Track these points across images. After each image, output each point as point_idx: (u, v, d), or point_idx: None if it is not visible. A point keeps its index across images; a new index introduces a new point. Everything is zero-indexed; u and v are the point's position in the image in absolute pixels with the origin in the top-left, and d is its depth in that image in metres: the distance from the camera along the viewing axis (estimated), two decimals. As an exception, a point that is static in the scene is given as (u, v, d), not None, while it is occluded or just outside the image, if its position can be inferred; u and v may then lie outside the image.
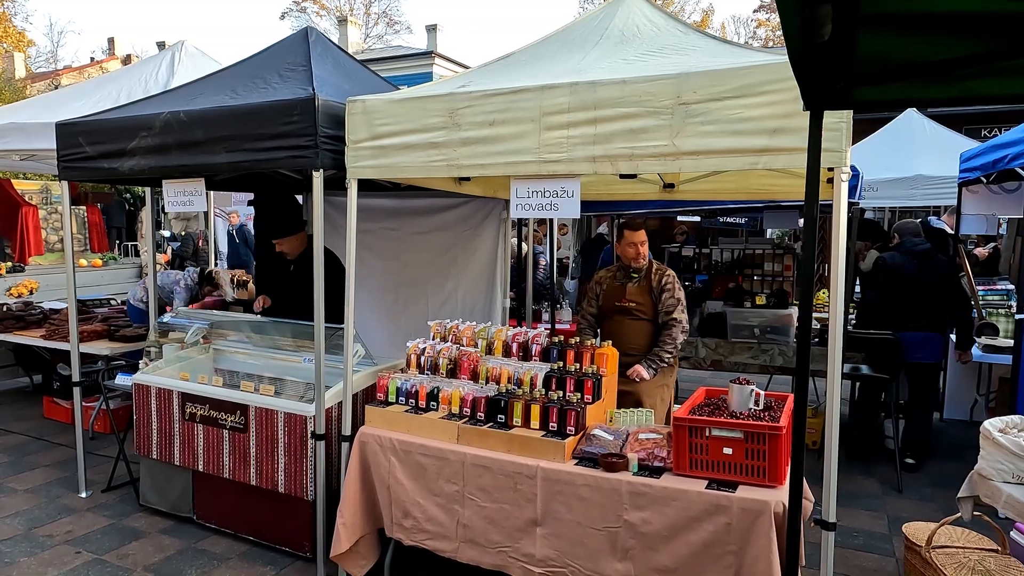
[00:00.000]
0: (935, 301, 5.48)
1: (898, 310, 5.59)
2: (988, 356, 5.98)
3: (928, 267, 5.52)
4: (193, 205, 4.08)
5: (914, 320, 5.49)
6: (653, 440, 3.28)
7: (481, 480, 3.38)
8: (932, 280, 5.50)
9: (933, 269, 5.52)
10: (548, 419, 3.40)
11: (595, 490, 3.13)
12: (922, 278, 5.50)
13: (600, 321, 4.58)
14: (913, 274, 5.53)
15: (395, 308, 6.40)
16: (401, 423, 3.67)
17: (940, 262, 5.61)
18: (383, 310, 6.41)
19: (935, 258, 5.59)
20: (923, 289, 5.48)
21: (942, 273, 5.56)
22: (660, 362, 4.25)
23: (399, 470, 3.59)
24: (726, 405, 3.32)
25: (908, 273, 5.53)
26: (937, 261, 5.59)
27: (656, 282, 4.36)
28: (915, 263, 5.56)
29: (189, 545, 4.23)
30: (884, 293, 5.70)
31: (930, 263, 5.55)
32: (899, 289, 5.67)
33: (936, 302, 5.49)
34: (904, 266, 5.59)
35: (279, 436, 3.96)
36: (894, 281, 5.69)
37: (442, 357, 3.91)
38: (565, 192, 3.10)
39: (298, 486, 3.93)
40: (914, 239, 5.70)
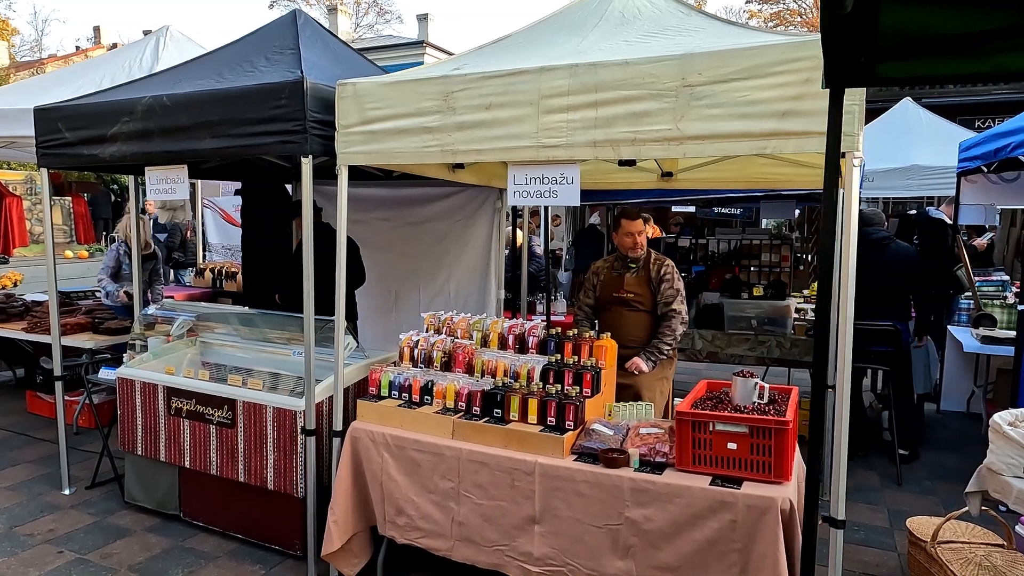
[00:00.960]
0: (891, 291, 5.34)
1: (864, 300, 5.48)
2: (987, 347, 5.92)
3: (883, 256, 5.33)
4: (175, 193, 3.94)
5: (869, 311, 5.33)
6: (654, 435, 3.19)
7: (477, 476, 3.28)
8: (890, 270, 5.30)
9: (889, 258, 5.35)
10: (546, 413, 3.30)
11: (595, 486, 3.03)
12: (874, 268, 5.32)
13: (597, 312, 4.48)
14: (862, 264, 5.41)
15: (387, 300, 6.28)
16: (394, 418, 3.56)
17: (897, 251, 5.41)
18: (375, 302, 6.30)
19: (890, 247, 5.41)
20: (878, 279, 5.27)
21: (900, 262, 5.38)
22: (659, 354, 4.16)
23: (392, 466, 3.49)
24: (729, 398, 3.23)
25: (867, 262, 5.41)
26: (893, 251, 5.40)
27: (655, 272, 4.26)
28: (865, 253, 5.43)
29: (176, 544, 4.11)
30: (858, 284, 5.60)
31: (884, 252, 5.36)
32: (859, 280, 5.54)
33: (892, 292, 5.35)
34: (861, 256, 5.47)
35: (268, 431, 3.85)
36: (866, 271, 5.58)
37: (436, 350, 3.79)
38: (565, 178, 2.99)
39: (288, 483, 3.81)
40: (868, 228, 5.54)
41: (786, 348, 6.38)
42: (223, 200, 11.26)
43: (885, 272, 5.26)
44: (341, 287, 3.53)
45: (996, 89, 13.44)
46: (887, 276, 5.27)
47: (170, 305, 4.92)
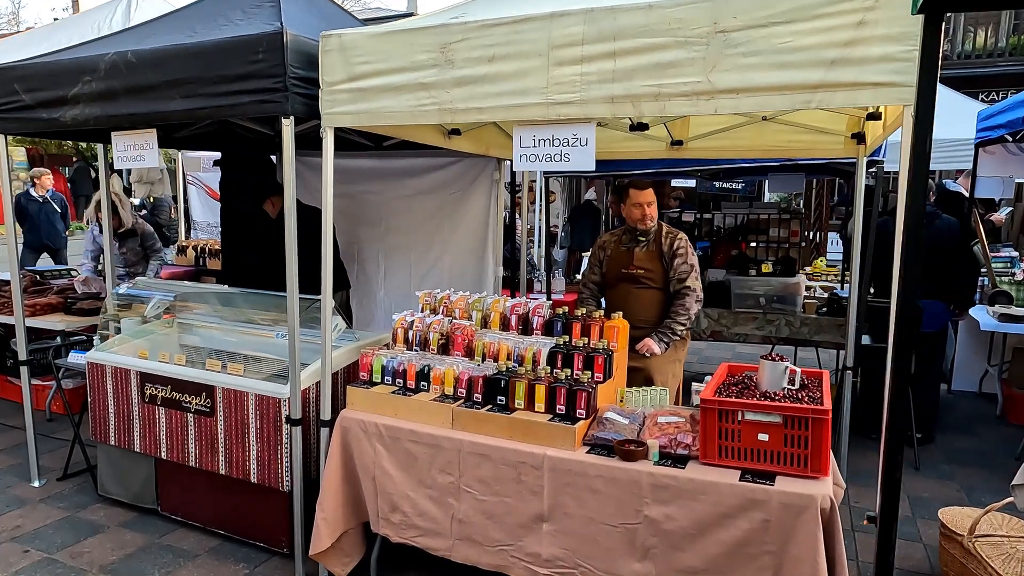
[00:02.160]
0: (935, 267, 5.11)
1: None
2: (1005, 326, 5.67)
3: (927, 231, 5.12)
4: (144, 160, 3.59)
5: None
6: (674, 424, 2.90)
7: (479, 470, 2.99)
8: (935, 246, 5.10)
9: (934, 233, 5.12)
10: (555, 401, 3.00)
11: (610, 482, 2.75)
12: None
13: (604, 290, 4.17)
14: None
15: (376, 278, 5.95)
16: (387, 406, 3.25)
17: (942, 226, 5.19)
18: (364, 281, 5.97)
19: (935, 222, 5.18)
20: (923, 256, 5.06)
21: (945, 237, 5.16)
22: (672, 335, 3.87)
23: (385, 459, 3.19)
24: (755, 384, 2.95)
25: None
26: (938, 226, 5.16)
27: (667, 246, 3.96)
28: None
29: (152, 541, 3.82)
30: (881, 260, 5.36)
31: (929, 227, 5.14)
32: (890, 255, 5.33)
33: (936, 268, 5.12)
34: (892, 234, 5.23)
35: (250, 420, 3.54)
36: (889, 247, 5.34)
37: (432, 331, 3.49)
38: (578, 139, 2.66)
39: (273, 476, 3.52)
40: None
41: (796, 327, 6.12)
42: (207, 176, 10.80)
43: (930, 248, 5.01)
44: (328, 262, 3.20)
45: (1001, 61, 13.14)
46: (932, 252, 5.02)
47: (145, 284, 4.58)
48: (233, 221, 6.04)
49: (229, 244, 6.22)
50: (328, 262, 3.20)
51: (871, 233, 4.83)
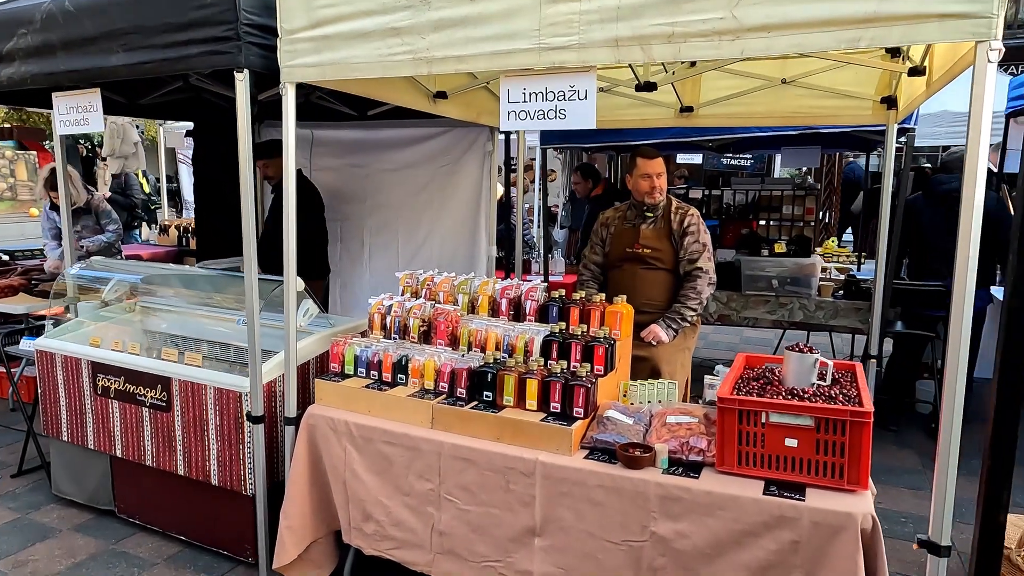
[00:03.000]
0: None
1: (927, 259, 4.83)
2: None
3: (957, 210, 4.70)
4: (88, 124, 3.19)
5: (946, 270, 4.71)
6: (686, 425, 2.52)
7: (463, 476, 2.62)
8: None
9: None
10: (549, 398, 2.62)
11: (612, 492, 2.37)
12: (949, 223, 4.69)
13: (607, 271, 3.78)
14: (937, 219, 4.75)
15: (361, 259, 5.56)
16: (360, 401, 2.88)
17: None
18: (348, 262, 5.58)
19: None
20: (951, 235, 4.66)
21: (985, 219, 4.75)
22: (682, 321, 3.47)
23: (357, 462, 2.82)
24: (779, 378, 2.56)
25: (930, 219, 4.74)
26: None
27: (677, 223, 3.55)
28: (939, 206, 4.76)
29: (107, 547, 3.46)
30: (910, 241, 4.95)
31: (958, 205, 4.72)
32: (923, 236, 4.95)
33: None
34: (924, 211, 4.83)
35: (209, 416, 3.16)
36: (918, 227, 4.96)
37: (413, 317, 3.10)
38: (576, 92, 2.26)
39: (235, 478, 3.15)
40: (942, 176, 4.86)
41: (810, 311, 5.74)
42: (195, 153, 10.38)
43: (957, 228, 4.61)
44: (291, 238, 2.81)
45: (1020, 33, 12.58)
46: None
47: (101, 264, 4.18)
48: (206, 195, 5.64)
49: (203, 220, 5.82)
50: (291, 237, 2.80)
51: (899, 211, 4.42)
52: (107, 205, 5.56)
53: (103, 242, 5.42)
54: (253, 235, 2.81)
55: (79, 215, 5.37)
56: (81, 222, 5.44)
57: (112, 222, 5.46)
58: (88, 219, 5.49)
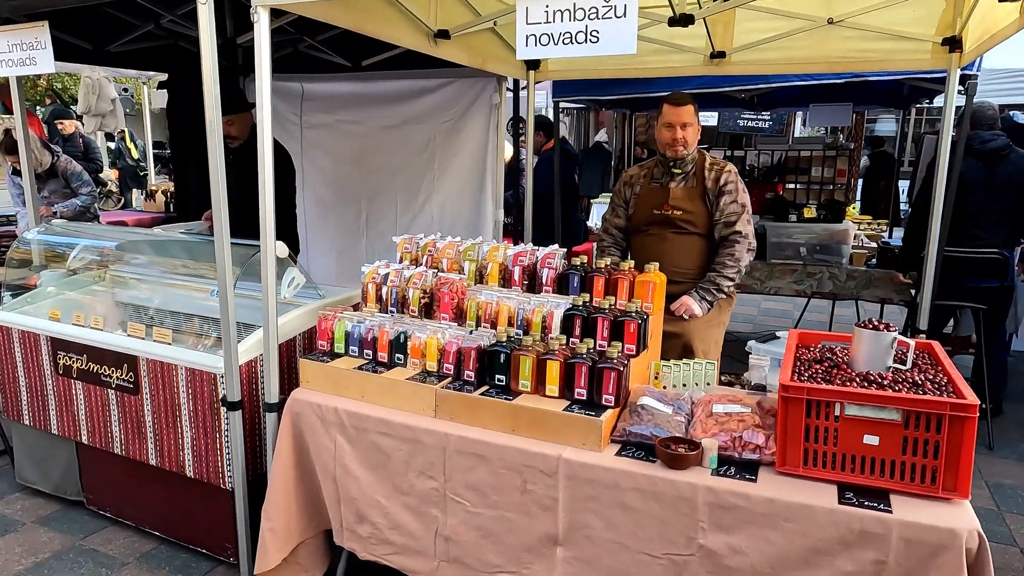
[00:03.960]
0: (1006, 212, 4.28)
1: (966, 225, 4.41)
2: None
3: (1001, 169, 4.26)
4: (36, 64, 2.74)
5: (985, 235, 4.29)
6: (737, 416, 2.13)
7: (472, 475, 2.24)
8: (1007, 186, 4.25)
9: (1009, 171, 4.26)
10: (573, 382, 2.23)
11: (651, 497, 1.99)
12: (991, 184, 4.26)
13: (630, 237, 3.36)
14: (979, 180, 4.28)
15: (357, 224, 5.14)
16: (351, 385, 2.49)
17: (1018, 162, 4.32)
18: (342, 227, 5.17)
19: (1010, 157, 4.30)
20: (993, 198, 4.25)
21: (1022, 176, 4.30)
22: (717, 292, 3.07)
23: (349, 455, 2.44)
24: (846, 361, 2.16)
25: (972, 179, 4.28)
26: (1013, 161, 4.29)
27: (712, 181, 3.13)
28: (982, 165, 4.29)
29: (73, 543, 3.10)
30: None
31: (1003, 163, 4.28)
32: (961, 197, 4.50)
33: (1007, 213, 4.29)
34: (967, 171, 4.38)
35: (181, 400, 2.78)
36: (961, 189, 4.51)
37: (412, 287, 2.69)
38: (611, 8, 1.81)
39: (211, 470, 2.78)
40: (985, 134, 4.39)
41: (841, 280, 5.34)
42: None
43: (1002, 189, 4.18)
44: (268, 193, 2.38)
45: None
46: (1005, 194, 4.19)
47: (63, 228, 3.76)
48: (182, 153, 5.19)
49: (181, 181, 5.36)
50: (268, 193, 2.38)
51: (954, 171, 3.95)
52: (76, 166, 5.08)
53: (77, 206, 4.97)
54: (223, 192, 2.38)
55: (45, 180, 4.93)
56: (48, 187, 4.99)
57: (84, 184, 5.01)
58: (55, 183, 5.03)
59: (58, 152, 5.03)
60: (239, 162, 3.70)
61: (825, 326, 6.49)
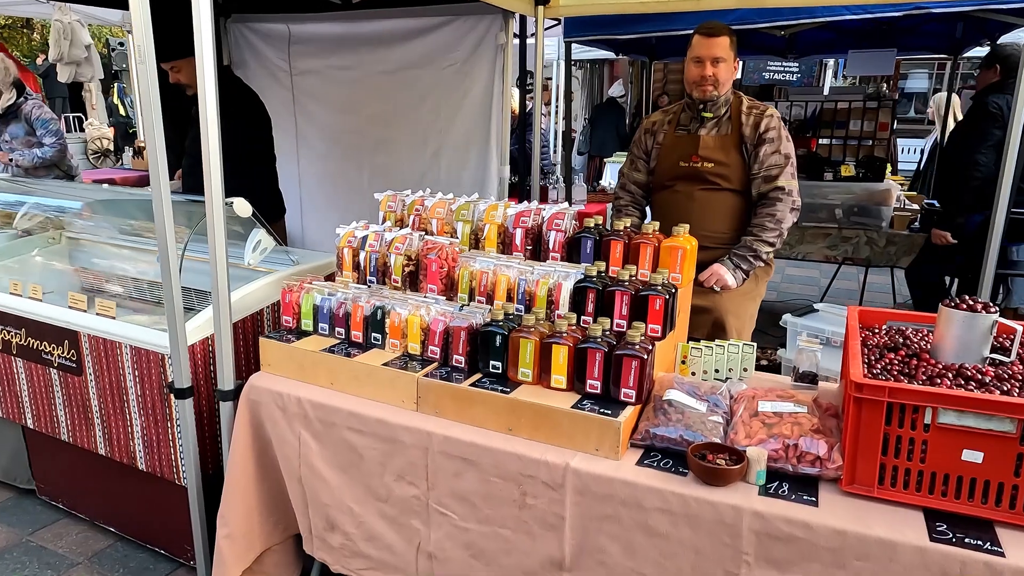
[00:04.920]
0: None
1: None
2: None
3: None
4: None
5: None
6: (790, 417, 1.70)
7: (460, 482, 1.84)
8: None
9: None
10: (585, 372, 1.81)
11: (682, 520, 1.58)
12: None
13: (651, 194, 2.90)
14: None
15: (356, 184, 4.69)
16: (319, 370, 2.08)
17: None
18: (343, 185, 4.73)
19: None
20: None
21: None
22: (754, 260, 2.62)
23: (316, 453, 2.04)
24: (927, 349, 1.73)
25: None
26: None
27: (750, 128, 2.65)
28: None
29: (19, 538, 2.76)
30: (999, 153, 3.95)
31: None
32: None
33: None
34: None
35: (127, 383, 2.39)
36: None
37: (395, 252, 2.26)
38: None
39: (165, 463, 2.40)
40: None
41: (879, 246, 4.86)
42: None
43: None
44: (211, 133, 1.94)
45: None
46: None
47: (7, 183, 3.35)
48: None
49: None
50: (211, 133, 1.94)
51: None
52: (47, 112, 4.56)
53: (38, 158, 4.45)
54: (159, 137, 1.95)
55: (7, 122, 4.44)
56: (8, 130, 4.48)
57: (50, 134, 4.50)
58: (17, 126, 4.51)
59: (30, 93, 4.53)
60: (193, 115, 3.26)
61: (854, 295, 6.01)
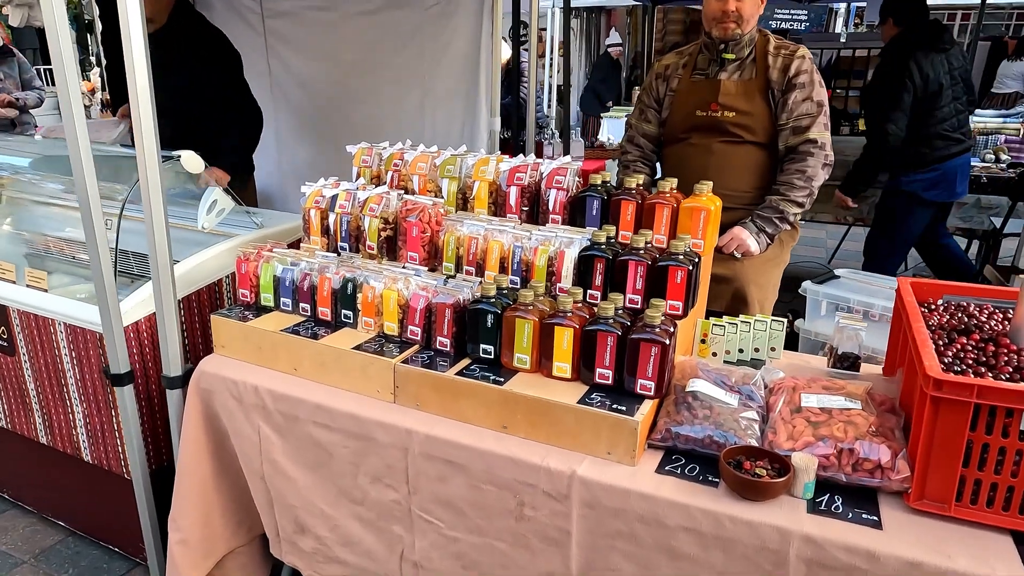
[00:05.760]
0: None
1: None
2: None
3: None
4: None
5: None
6: (843, 415, 1.42)
7: (446, 487, 1.56)
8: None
9: None
10: (594, 359, 1.51)
11: (714, 543, 1.30)
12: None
13: (663, 147, 2.58)
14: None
15: (335, 137, 4.31)
16: (280, 353, 1.78)
17: None
18: (323, 141, 4.35)
19: None
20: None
21: None
22: (780, 222, 2.31)
23: (279, 449, 1.76)
24: (1004, 332, 1.44)
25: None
26: None
27: (778, 71, 2.32)
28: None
29: (-41, 533, 2.49)
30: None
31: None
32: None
33: None
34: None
35: (65, 365, 2.09)
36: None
37: (370, 215, 1.94)
38: None
39: (111, 454, 2.12)
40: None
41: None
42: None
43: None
44: (140, 70, 1.60)
45: None
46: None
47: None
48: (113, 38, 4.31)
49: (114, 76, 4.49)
50: (141, 83, 1.60)
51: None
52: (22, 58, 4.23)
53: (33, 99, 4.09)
54: (71, 70, 1.60)
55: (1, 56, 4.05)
56: (3, 68, 4.09)
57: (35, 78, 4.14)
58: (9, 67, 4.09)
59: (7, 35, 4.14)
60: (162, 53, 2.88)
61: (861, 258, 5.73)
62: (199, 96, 2.91)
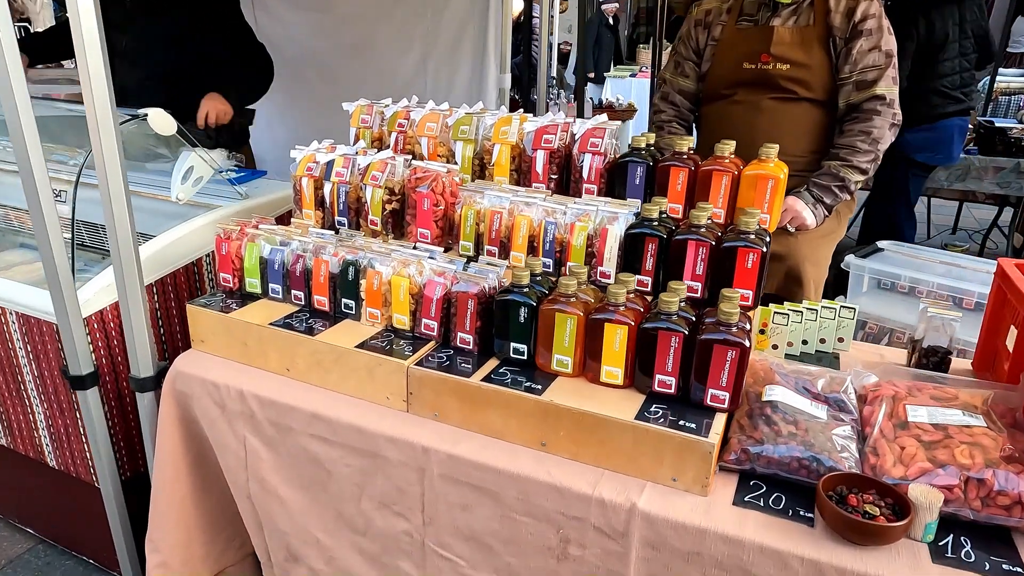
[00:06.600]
0: None
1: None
2: None
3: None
4: None
5: None
6: (962, 434, 1.15)
7: (471, 517, 1.29)
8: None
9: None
10: (653, 364, 1.24)
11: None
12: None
13: (703, 106, 2.27)
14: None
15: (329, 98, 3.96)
16: (269, 351, 1.50)
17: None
18: (313, 100, 4.01)
19: None
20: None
21: None
22: (840, 192, 2.02)
23: (268, 465, 1.49)
24: None
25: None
26: None
27: (841, 15, 2.00)
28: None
29: (-81, 542, 2.24)
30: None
31: None
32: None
33: None
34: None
35: (20, 361, 1.81)
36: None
37: (372, 184, 1.65)
38: None
39: (78, 460, 1.85)
40: None
41: (931, 171, 4.27)
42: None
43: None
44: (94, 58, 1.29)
45: None
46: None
47: None
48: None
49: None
50: (87, 25, 1.29)
51: None
52: None
53: None
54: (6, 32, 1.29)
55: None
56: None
57: None
58: None
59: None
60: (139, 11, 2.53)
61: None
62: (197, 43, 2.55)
